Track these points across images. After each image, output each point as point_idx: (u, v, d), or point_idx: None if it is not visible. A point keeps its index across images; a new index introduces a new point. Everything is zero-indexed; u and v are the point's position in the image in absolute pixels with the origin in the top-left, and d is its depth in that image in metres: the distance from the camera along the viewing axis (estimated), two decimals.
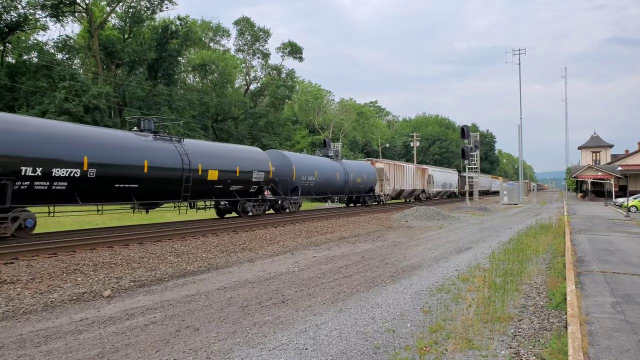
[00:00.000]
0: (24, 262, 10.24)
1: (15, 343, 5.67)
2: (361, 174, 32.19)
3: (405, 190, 39.78)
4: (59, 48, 44.85)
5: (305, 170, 25.05)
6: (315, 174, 25.89)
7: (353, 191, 31.37)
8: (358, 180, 31.34)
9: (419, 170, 43.80)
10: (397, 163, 39.30)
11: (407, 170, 40.24)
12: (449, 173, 56.29)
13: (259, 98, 64.36)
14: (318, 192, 26.86)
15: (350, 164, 31.61)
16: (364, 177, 32.62)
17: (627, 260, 10.93)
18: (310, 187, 25.59)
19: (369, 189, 33.83)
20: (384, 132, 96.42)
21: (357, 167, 32.69)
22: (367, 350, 5.31)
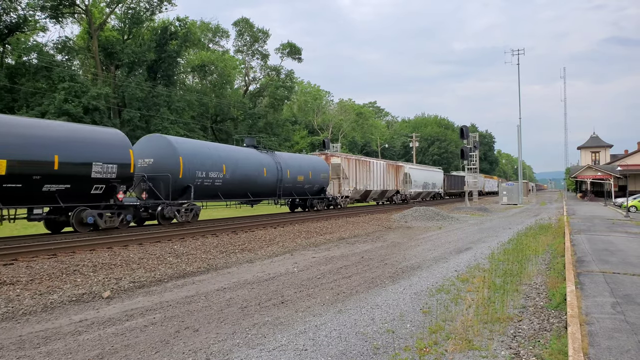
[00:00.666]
0: (24, 263, 10.23)
1: (14, 344, 5.67)
2: (304, 170, 25.86)
3: (373, 192, 34.37)
4: (59, 49, 44.87)
5: (204, 163, 18.49)
6: (224, 169, 19.39)
7: (293, 192, 25.35)
8: (300, 179, 25.22)
9: (392, 168, 38.26)
10: (360, 158, 33.63)
11: (375, 167, 34.63)
12: (432, 171, 50.70)
13: (258, 99, 64.39)
14: (230, 193, 20.57)
15: (289, 158, 25.64)
16: (310, 175, 26.19)
17: (627, 260, 10.93)
18: (216, 187, 19.18)
19: (318, 190, 27.65)
20: (383, 132, 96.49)
21: (300, 162, 26.27)
22: (366, 351, 5.31)
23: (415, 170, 44.38)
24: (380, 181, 35.02)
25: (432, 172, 50.38)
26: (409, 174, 41.23)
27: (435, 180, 49.58)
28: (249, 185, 21.54)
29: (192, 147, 18.70)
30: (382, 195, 37.31)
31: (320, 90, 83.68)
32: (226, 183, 19.72)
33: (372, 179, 33.79)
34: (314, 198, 27.51)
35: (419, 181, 44.04)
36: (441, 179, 51.74)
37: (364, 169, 32.65)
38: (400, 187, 39.35)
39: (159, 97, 46.54)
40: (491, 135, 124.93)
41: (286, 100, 66.37)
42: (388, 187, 36.80)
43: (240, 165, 20.73)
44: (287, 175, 24.14)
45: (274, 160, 23.62)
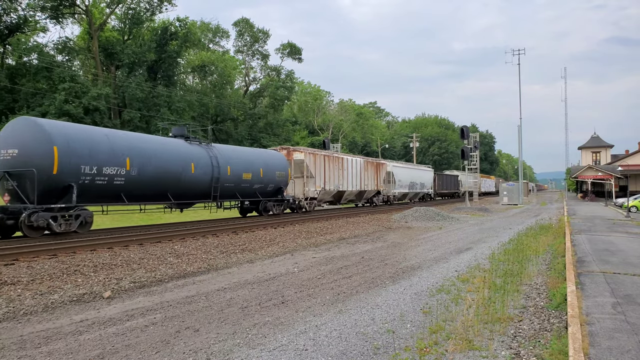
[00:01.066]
0: (25, 263, 10.25)
1: (15, 344, 5.67)
2: (253, 167, 21.19)
3: (348, 192, 30.36)
4: (59, 50, 44.88)
5: (94, 155, 14.22)
6: (127, 163, 15.10)
7: (237, 194, 20.63)
8: (246, 177, 20.67)
9: (371, 166, 34.15)
10: (332, 154, 29.25)
11: (350, 165, 30.34)
12: (420, 170, 46.49)
13: (258, 99, 64.40)
14: (139, 195, 16.06)
15: (232, 152, 20.87)
16: (260, 173, 21.54)
17: (627, 260, 10.93)
18: (116, 186, 14.93)
19: (273, 191, 23.06)
20: (383, 132, 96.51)
21: (246, 157, 21.52)
22: (367, 351, 5.31)
23: (400, 168, 40.56)
24: (356, 180, 31.05)
25: (420, 170, 46.06)
26: (392, 172, 37.67)
27: (424, 180, 45.84)
28: (169, 185, 16.75)
29: (75, 134, 14.14)
30: (359, 197, 33.23)
31: (321, 90, 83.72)
32: (132, 182, 15.34)
33: (347, 178, 29.70)
34: (268, 200, 22.85)
35: (405, 181, 40.50)
36: (431, 178, 48.18)
37: (335, 167, 28.35)
38: (382, 187, 35.53)
39: (159, 98, 46.56)
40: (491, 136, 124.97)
41: (286, 100, 66.39)
42: (367, 187, 32.72)
43: (154, 160, 16.09)
44: (226, 173, 19.39)
45: (208, 153, 18.77)
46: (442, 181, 53.75)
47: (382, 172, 35.87)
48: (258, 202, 22.71)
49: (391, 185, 37.56)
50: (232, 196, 20.69)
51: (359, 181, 31.61)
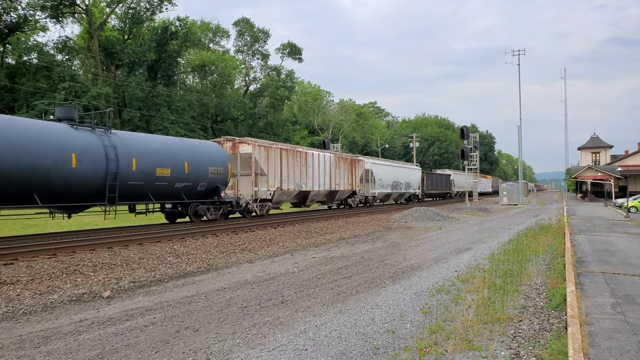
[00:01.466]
0: (24, 262, 10.24)
1: (15, 344, 5.67)
2: (174, 161, 16.92)
3: (314, 193, 26.13)
4: (59, 49, 44.86)
5: None
6: None
7: (151, 194, 16.24)
8: (163, 174, 16.27)
9: (344, 162, 29.63)
10: (294, 148, 25.03)
11: (316, 161, 26.11)
12: (405, 169, 42.21)
13: (258, 99, 64.38)
14: None
15: (141, 142, 16.32)
16: (185, 169, 17.24)
17: (627, 261, 10.92)
18: None
19: (207, 191, 18.74)
20: (383, 132, 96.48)
21: (164, 148, 16.90)
22: (366, 351, 5.31)
23: (381, 166, 36.75)
24: (324, 179, 26.95)
25: (405, 169, 42.05)
26: (371, 170, 34.01)
27: (411, 179, 42.12)
28: (34, 183, 12.79)
29: None
30: (330, 197, 29.30)
31: (321, 90, 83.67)
32: None
33: (312, 176, 25.68)
34: (199, 203, 18.49)
35: (387, 180, 36.77)
36: (418, 178, 44.77)
37: (297, 163, 24.32)
38: (358, 186, 31.86)
39: (159, 97, 46.55)
40: (491, 136, 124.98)
41: (286, 100, 66.37)
42: (339, 187, 28.68)
43: (8, 149, 12.12)
44: (130, 168, 15.30)
45: (102, 142, 14.63)
46: (432, 181, 50.15)
47: (359, 170, 32.03)
48: (188, 204, 18.34)
49: (370, 184, 34.00)
50: (143, 198, 16.23)
51: (329, 180, 27.60)
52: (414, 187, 43.22)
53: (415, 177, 43.81)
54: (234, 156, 21.56)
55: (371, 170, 34.01)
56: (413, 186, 42.76)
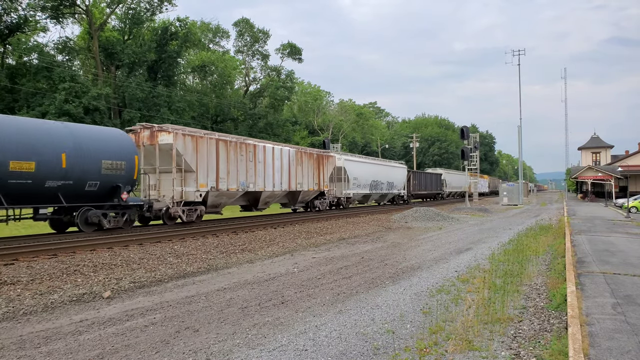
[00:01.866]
0: (24, 263, 10.24)
1: (15, 344, 5.67)
2: (43, 151, 12.99)
3: (267, 193, 21.85)
4: (59, 49, 44.88)
5: None
6: None
7: (4, 196, 12.26)
8: (18, 168, 12.34)
9: (309, 158, 25.40)
10: (235, 140, 19.97)
11: (270, 156, 21.81)
12: (387, 167, 37.66)
13: (258, 99, 64.39)
14: None
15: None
16: (62, 162, 13.36)
17: (627, 261, 10.92)
18: None
19: (104, 192, 14.91)
20: (383, 133, 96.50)
21: (23, 133, 12.79)
22: (366, 352, 5.31)
23: (357, 163, 32.37)
24: (282, 177, 22.75)
25: (387, 167, 37.57)
26: (344, 168, 29.62)
27: (394, 178, 38.07)
28: None
29: None
30: (292, 199, 25.09)
31: (321, 90, 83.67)
32: None
33: (264, 174, 21.29)
34: (91, 207, 14.46)
35: (364, 179, 32.50)
36: (403, 177, 40.59)
37: (241, 157, 19.80)
38: (327, 186, 27.58)
39: (159, 98, 46.56)
40: (492, 136, 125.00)
41: (286, 100, 66.38)
42: (301, 187, 24.42)
43: None
44: None
45: None
46: (420, 181, 45.82)
47: (328, 167, 27.77)
48: (73, 209, 14.19)
49: (344, 184, 29.82)
50: None
51: (287, 178, 23.32)
52: (398, 188, 39.40)
53: (399, 176, 39.73)
54: (152, 147, 17.43)
55: (344, 167, 29.78)
56: (397, 186, 38.99)
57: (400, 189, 40.04)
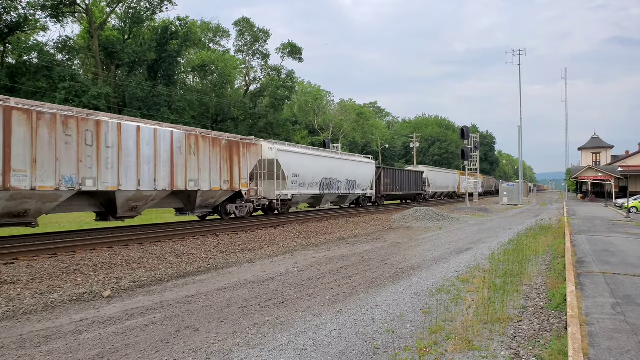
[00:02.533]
0: (24, 262, 10.25)
1: (15, 343, 5.67)
2: None
3: (129, 195, 15.04)
4: (59, 49, 44.87)
5: None
6: None
7: None
8: None
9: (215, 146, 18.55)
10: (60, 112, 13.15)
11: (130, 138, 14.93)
12: (347, 161, 30.96)
13: (258, 99, 64.38)
14: None
15: None
16: None
17: (627, 261, 10.93)
18: None
19: None
20: (383, 132, 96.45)
21: None
22: (366, 351, 5.31)
23: (297, 155, 24.99)
24: (159, 171, 15.91)
25: (346, 161, 30.66)
26: (277, 161, 22.65)
27: (357, 175, 31.66)
28: None
29: None
30: (187, 202, 18.28)
31: (321, 90, 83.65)
32: None
33: (123, 166, 14.60)
34: None
35: (309, 176, 25.54)
36: (371, 174, 33.89)
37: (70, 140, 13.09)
38: (247, 185, 20.45)
39: (159, 97, 46.55)
40: (492, 136, 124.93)
41: (287, 100, 66.36)
42: (198, 186, 17.60)
43: None
44: None
45: None
46: (393, 179, 38.61)
47: (250, 160, 20.66)
48: None
49: (278, 182, 22.75)
50: None
51: (169, 173, 16.38)
52: (364, 187, 32.85)
53: (366, 173, 33.07)
54: None
55: (278, 160, 22.64)
56: (362, 185, 32.48)
57: (367, 189, 33.55)
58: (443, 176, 54.50)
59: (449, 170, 55.81)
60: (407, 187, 41.69)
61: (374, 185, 34.68)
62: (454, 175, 46.41)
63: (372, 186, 34.48)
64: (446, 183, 54.55)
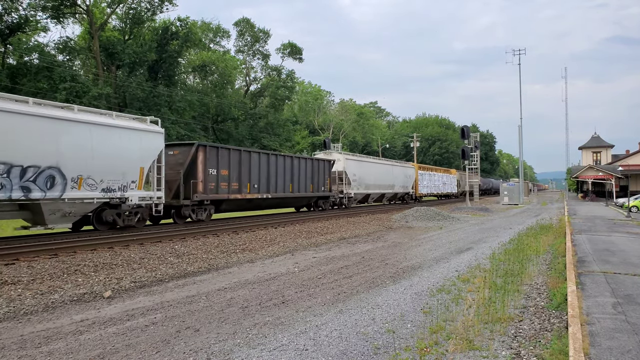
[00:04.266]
0: (25, 263, 10.25)
1: (16, 344, 5.68)
2: None
3: None
4: (60, 49, 44.89)
5: None
6: None
7: None
8: None
9: None
10: None
11: None
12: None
13: (259, 99, 64.38)
14: None
15: None
16: None
17: (628, 260, 10.91)
18: None
19: None
20: (384, 132, 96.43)
21: None
22: (367, 351, 5.31)
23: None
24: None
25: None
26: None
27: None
28: None
29: None
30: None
31: (321, 90, 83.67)
32: None
33: None
34: None
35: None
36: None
37: None
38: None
39: (160, 97, 46.56)
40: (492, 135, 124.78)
41: (287, 100, 66.35)
42: None
43: None
44: None
45: None
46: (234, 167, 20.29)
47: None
48: None
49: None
50: None
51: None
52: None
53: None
54: None
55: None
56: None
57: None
58: (382, 170, 35.83)
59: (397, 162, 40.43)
60: (283, 186, 23.79)
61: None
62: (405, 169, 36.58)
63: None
64: (389, 181, 36.81)
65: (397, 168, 39.06)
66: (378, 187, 34.86)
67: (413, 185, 41.94)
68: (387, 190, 36.70)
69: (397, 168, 39.06)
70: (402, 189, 39.32)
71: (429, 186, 46.10)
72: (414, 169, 42.74)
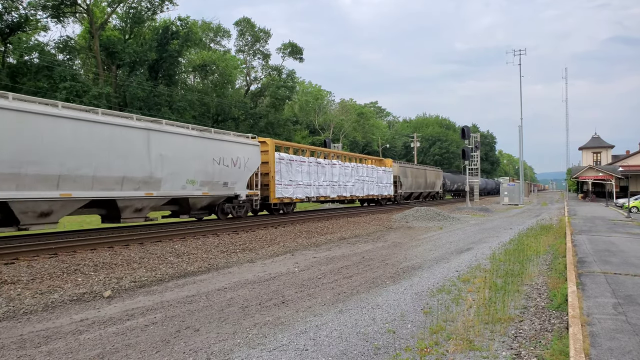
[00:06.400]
0: (25, 262, 10.24)
1: (15, 343, 5.67)
2: None
3: None
4: (60, 49, 44.89)
5: None
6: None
7: None
8: None
9: None
10: None
11: None
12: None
13: (259, 98, 64.37)
14: None
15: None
16: None
17: (628, 261, 10.90)
18: None
19: None
20: (384, 132, 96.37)
21: None
22: (367, 351, 5.30)
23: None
24: None
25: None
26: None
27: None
28: None
29: None
30: None
31: (322, 90, 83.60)
32: None
33: None
34: None
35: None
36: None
37: None
38: None
39: (160, 97, 46.57)
40: (492, 136, 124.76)
41: (287, 100, 66.32)
42: None
43: None
44: None
45: None
46: None
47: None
48: None
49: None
50: None
51: None
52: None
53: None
54: None
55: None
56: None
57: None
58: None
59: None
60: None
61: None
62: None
63: None
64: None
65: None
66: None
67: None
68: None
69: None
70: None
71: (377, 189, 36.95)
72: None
